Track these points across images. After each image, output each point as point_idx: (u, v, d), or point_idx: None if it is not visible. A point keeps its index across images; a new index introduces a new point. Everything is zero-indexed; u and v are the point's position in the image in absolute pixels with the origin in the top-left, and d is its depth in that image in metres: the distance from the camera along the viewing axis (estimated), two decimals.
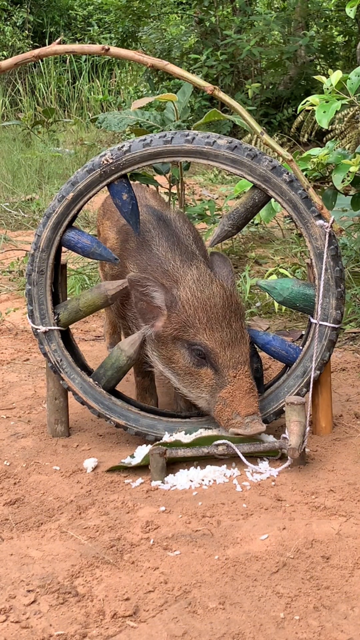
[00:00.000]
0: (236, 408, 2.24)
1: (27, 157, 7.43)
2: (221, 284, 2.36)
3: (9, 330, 3.73)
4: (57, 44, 2.42)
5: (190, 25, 10.39)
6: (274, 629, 1.58)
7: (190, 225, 2.69)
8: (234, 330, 2.29)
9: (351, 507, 2.04)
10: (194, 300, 2.30)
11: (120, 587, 1.74)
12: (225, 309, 2.30)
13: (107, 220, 2.90)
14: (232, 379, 2.25)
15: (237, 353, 2.28)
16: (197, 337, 2.28)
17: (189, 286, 2.33)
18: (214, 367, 2.28)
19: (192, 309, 2.29)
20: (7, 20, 12.38)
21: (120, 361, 2.45)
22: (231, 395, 2.25)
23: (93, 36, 12.98)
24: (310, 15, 9.37)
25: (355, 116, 3.12)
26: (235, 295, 2.38)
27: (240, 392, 2.24)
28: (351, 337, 3.40)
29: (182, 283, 2.34)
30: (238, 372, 2.26)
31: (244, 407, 2.23)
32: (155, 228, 2.55)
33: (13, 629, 1.61)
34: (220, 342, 2.27)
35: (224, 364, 2.26)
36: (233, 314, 2.31)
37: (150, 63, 2.38)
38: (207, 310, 2.28)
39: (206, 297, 2.30)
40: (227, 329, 2.28)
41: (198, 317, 2.28)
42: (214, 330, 2.27)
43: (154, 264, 2.45)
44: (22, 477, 2.30)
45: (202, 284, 2.33)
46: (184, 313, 2.30)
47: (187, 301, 2.30)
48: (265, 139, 2.34)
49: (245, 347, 2.31)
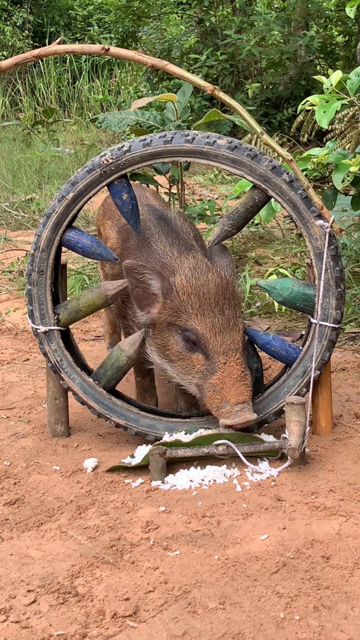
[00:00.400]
0: (226, 395, 2.22)
1: (27, 157, 7.43)
2: (218, 272, 2.36)
3: (9, 330, 3.73)
4: (57, 44, 2.42)
5: (190, 25, 10.39)
6: (274, 629, 1.58)
7: (190, 224, 2.69)
8: (227, 317, 2.29)
9: (351, 507, 2.04)
10: (188, 287, 2.31)
11: (120, 587, 1.74)
12: (219, 296, 2.30)
13: (108, 219, 2.90)
14: (223, 366, 2.24)
15: (228, 339, 2.27)
16: (189, 322, 2.29)
17: (184, 273, 2.33)
18: (205, 353, 2.27)
19: (186, 294, 2.30)
20: (7, 20, 12.38)
21: (120, 361, 2.45)
22: (221, 382, 2.23)
23: (93, 36, 12.98)
24: (310, 15, 9.37)
25: (355, 116, 3.12)
26: (233, 284, 2.37)
27: (230, 379, 2.23)
28: (351, 337, 3.40)
29: (179, 271, 2.35)
30: (229, 358, 2.25)
31: (233, 395, 2.22)
32: (155, 226, 2.56)
33: (13, 629, 1.61)
34: (211, 327, 2.26)
35: (215, 350, 2.25)
36: (227, 301, 2.31)
37: (150, 63, 2.38)
38: (199, 296, 2.29)
39: (200, 284, 2.30)
40: (219, 315, 2.28)
41: (191, 303, 2.29)
42: (205, 315, 2.27)
43: (153, 259, 2.46)
44: (22, 477, 2.30)
45: (198, 272, 2.34)
46: (178, 299, 2.31)
47: (181, 287, 2.31)
48: (265, 139, 2.34)
49: (237, 334, 2.29)
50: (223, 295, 2.31)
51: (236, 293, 2.37)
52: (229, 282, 2.36)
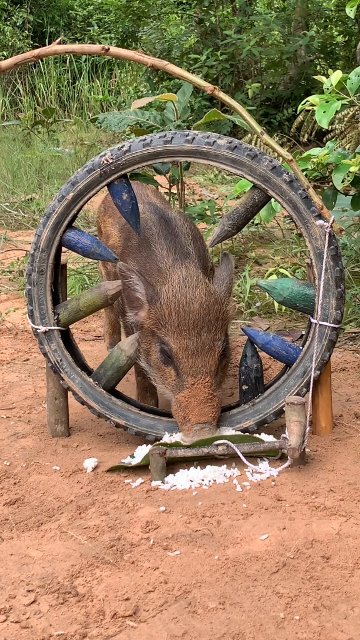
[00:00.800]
0: (188, 414, 2.27)
1: (27, 157, 7.43)
2: (207, 289, 2.33)
3: (9, 330, 3.73)
4: (57, 44, 2.42)
5: (190, 25, 10.39)
6: (274, 629, 1.58)
7: (191, 224, 2.68)
8: (203, 340, 2.28)
9: (351, 507, 2.04)
10: (173, 301, 2.30)
11: (120, 587, 1.74)
12: (200, 317, 2.28)
13: (109, 217, 2.90)
14: (190, 386, 2.27)
15: (199, 363, 2.28)
16: (166, 338, 2.30)
17: (172, 286, 2.33)
18: (176, 370, 2.30)
19: (168, 309, 2.30)
20: (7, 20, 12.38)
21: (120, 361, 2.45)
22: (186, 400, 2.27)
23: (93, 36, 12.98)
24: (310, 15, 9.37)
25: (355, 116, 3.12)
26: (220, 303, 2.34)
27: (195, 400, 2.26)
28: (351, 337, 3.40)
29: (168, 281, 2.35)
30: (197, 380, 2.27)
31: (195, 415, 2.26)
32: (156, 226, 2.55)
33: (13, 629, 1.61)
34: (185, 348, 2.27)
35: (184, 370, 2.28)
36: (207, 324, 2.29)
37: (150, 63, 2.38)
38: (180, 314, 2.28)
39: (184, 301, 2.29)
40: (195, 337, 2.28)
41: (171, 319, 2.29)
42: (181, 335, 2.28)
43: (151, 261, 2.46)
44: (22, 477, 2.30)
45: (185, 286, 2.32)
46: (161, 311, 2.31)
47: (166, 300, 2.31)
48: (265, 139, 2.34)
49: (211, 358, 2.29)
50: (206, 316, 2.29)
51: (223, 313, 2.34)
52: (218, 300, 2.33)
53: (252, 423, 2.43)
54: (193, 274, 2.36)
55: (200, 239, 2.66)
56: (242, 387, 2.48)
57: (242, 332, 2.70)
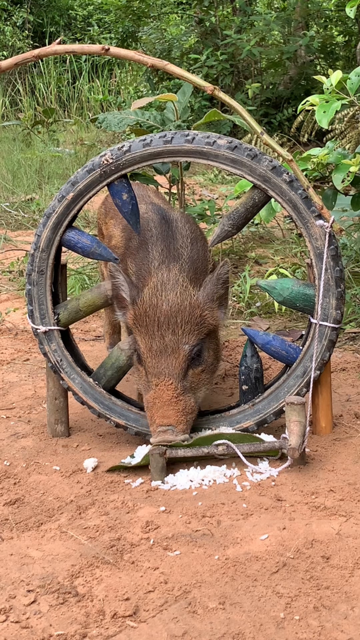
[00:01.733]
0: (152, 415, 2.28)
1: (27, 157, 7.43)
2: (182, 293, 2.32)
3: (9, 330, 3.73)
4: (57, 44, 2.42)
5: (190, 25, 10.39)
6: (274, 629, 1.58)
7: (192, 226, 2.65)
8: (166, 341, 2.29)
9: (351, 507, 2.04)
10: (147, 302, 2.33)
11: (120, 587, 1.74)
12: (168, 318, 2.29)
13: (111, 219, 2.90)
14: (155, 387, 2.28)
15: (163, 364, 2.28)
16: (138, 337, 2.35)
17: (151, 288, 2.35)
18: (145, 370, 2.33)
19: (143, 310, 2.33)
20: (7, 20, 12.39)
21: (120, 361, 2.45)
22: (152, 401, 2.28)
23: (93, 36, 12.99)
24: (310, 15, 9.37)
25: (355, 116, 3.12)
26: (196, 307, 2.31)
27: (159, 401, 2.26)
28: (351, 337, 3.40)
29: (149, 283, 2.37)
30: (160, 381, 2.28)
31: (158, 417, 2.26)
32: (156, 227, 2.55)
33: (13, 629, 1.61)
34: (149, 348, 2.30)
35: (149, 370, 2.30)
36: (174, 326, 2.29)
37: (150, 63, 2.38)
38: (149, 314, 2.31)
39: (156, 302, 2.31)
40: (159, 339, 2.29)
41: (142, 319, 2.32)
42: (148, 335, 2.31)
43: (146, 263, 2.46)
44: (22, 477, 2.30)
45: (161, 288, 2.33)
46: (137, 311, 2.34)
47: (142, 301, 2.34)
48: (265, 139, 2.34)
49: (175, 360, 2.28)
50: (173, 318, 2.29)
51: (196, 317, 2.31)
52: (192, 304, 2.32)
53: (252, 423, 2.43)
54: (173, 277, 2.35)
55: (200, 241, 2.64)
56: (242, 387, 2.48)
57: (242, 332, 2.70)
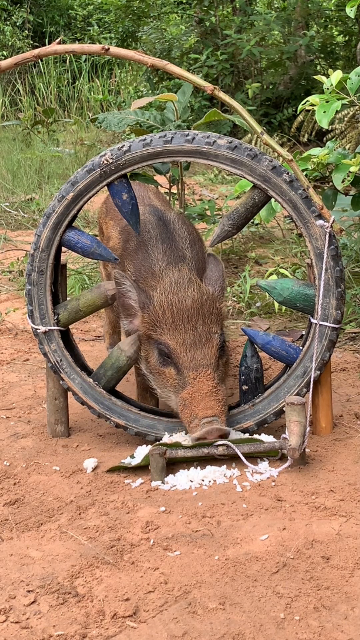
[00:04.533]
0: (194, 410, 2.24)
1: (27, 157, 7.43)
2: (199, 288, 2.36)
3: (9, 330, 3.72)
4: (57, 44, 2.42)
5: (190, 25, 10.39)
6: (274, 629, 1.58)
7: (189, 227, 2.68)
8: (199, 332, 2.30)
9: (351, 507, 2.04)
10: (165, 301, 2.33)
11: (120, 587, 1.74)
12: (193, 311, 2.31)
13: (111, 220, 2.90)
14: (192, 381, 2.26)
15: (199, 355, 2.28)
16: (162, 337, 2.32)
17: (164, 288, 2.36)
18: (176, 368, 2.30)
19: (162, 309, 2.32)
20: (7, 20, 12.39)
21: (120, 361, 2.45)
22: (190, 397, 2.26)
23: (93, 36, 12.98)
24: (310, 15, 9.37)
25: (356, 116, 3.11)
26: (213, 300, 2.37)
27: (199, 394, 2.24)
28: (351, 337, 3.40)
29: (160, 284, 2.38)
30: (199, 374, 2.26)
31: (201, 410, 2.23)
32: (154, 229, 2.56)
33: (13, 629, 1.61)
34: (182, 342, 2.29)
35: (185, 365, 2.28)
36: (201, 318, 2.31)
37: (150, 63, 2.38)
38: (173, 311, 2.31)
39: (177, 299, 2.32)
40: (191, 331, 2.29)
41: (165, 317, 2.32)
42: (177, 330, 2.30)
43: (146, 264, 2.48)
44: (22, 477, 2.30)
45: (177, 286, 2.35)
46: (155, 313, 2.34)
47: (158, 302, 2.34)
48: (265, 139, 2.34)
49: (210, 350, 2.30)
50: (199, 311, 2.32)
51: (216, 309, 2.36)
52: (210, 298, 2.36)
53: (252, 423, 2.43)
54: (185, 275, 2.39)
55: (198, 242, 2.67)
56: (242, 387, 2.48)
57: (242, 332, 2.71)
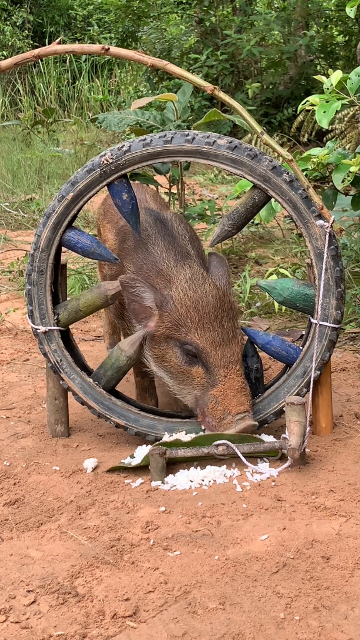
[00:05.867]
0: (227, 406, 2.25)
1: (27, 157, 7.43)
2: (214, 284, 2.37)
3: (9, 330, 3.72)
4: (57, 44, 2.42)
5: (190, 25, 10.39)
6: (274, 629, 1.58)
7: (186, 225, 2.68)
8: (226, 329, 2.30)
9: (351, 507, 2.04)
10: (186, 300, 2.31)
11: (120, 587, 1.74)
12: (218, 308, 2.31)
13: (108, 223, 2.90)
14: (224, 378, 2.26)
15: (228, 352, 2.28)
16: (189, 336, 2.29)
17: (181, 285, 2.34)
18: (205, 366, 2.29)
19: (184, 308, 2.30)
20: (7, 20, 12.39)
21: (120, 361, 2.45)
22: (222, 394, 2.26)
23: (93, 36, 12.98)
24: (310, 15, 9.37)
25: (356, 116, 3.11)
26: (229, 295, 2.38)
27: (231, 390, 2.26)
28: (351, 337, 3.40)
29: (175, 282, 2.36)
30: (229, 371, 2.27)
31: (235, 406, 2.25)
32: (151, 227, 2.56)
33: (13, 629, 1.61)
34: (211, 341, 2.28)
35: (215, 363, 2.27)
36: (225, 314, 2.32)
37: (150, 63, 2.38)
38: (198, 310, 2.30)
39: (198, 297, 2.31)
40: (218, 329, 2.29)
41: (190, 316, 2.30)
42: (205, 329, 2.29)
43: (149, 262, 2.46)
44: (22, 477, 2.30)
45: (195, 283, 2.34)
46: (176, 312, 2.31)
47: (179, 300, 2.31)
48: (265, 139, 2.34)
49: (236, 346, 2.31)
50: (221, 307, 2.32)
51: (233, 304, 2.38)
52: (226, 293, 2.37)
53: None
54: (198, 272, 2.39)
55: (196, 241, 2.67)
56: None
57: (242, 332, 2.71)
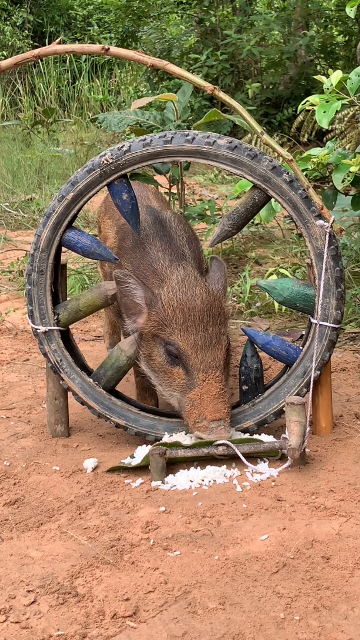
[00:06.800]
0: (203, 411, 2.24)
1: (27, 157, 7.43)
2: (206, 288, 2.36)
3: (9, 330, 3.72)
4: (57, 44, 2.42)
5: (190, 25, 10.40)
6: (274, 629, 1.58)
7: (185, 226, 2.69)
8: (210, 334, 2.29)
9: (351, 507, 2.04)
10: (174, 300, 2.31)
11: (120, 587, 1.74)
12: (204, 312, 2.30)
13: (109, 219, 2.91)
14: (202, 382, 2.26)
15: (209, 357, 2.28)
16: (172, 337, 2.30)
17: (171, 286, 2.34)
18: (185, 368, 2.29)
19: (171, 308, 2.31)
20: (7, 20, 12.39)
21: (120, 361, 2.45)
22: (199, 398, 2.25)
23: (93, 36, 12.99)
24: (310, 15, 9.37)
25: (356, 116, 3.11)
26: (220, 300, 2.37)
27: (208, 396, 2.25)
28: (351, 337, 3.40)
29: (167, 282, 2.36)
30: (208, 376, 2.26)
31: (210, 412, 2.24)
32: (150, 227, 2.56)
33: (13, 629, 1.61)
34: (193, 344, 2.28)
35: (195, 367, 2.27)
36: (212, 319, 2.31)
37: (150, 63, 2.38)
38: (184, 312, 2.30)
39: (186, 298, 2.31)
40: (202, 332, 2.29)
41: (175, 317, 2.30)
42: (188, 331, 2.29)
43: (146, 262, 2.47)
44: (22, 477, 2.30)
45: (185, 285, 2.34)
46: (163, 312, 2.32)
47: (167, 300, 2.32)
48: (265, 139, 2.34)
49: (219, 352, 2.30)
50: (208, 311, 2.31)
51: (223, 309, 2.36)
52: (217, 297, 2.36)
53: (252, 423, 2.43)
54: (191, 274, 2.38)
55: (195, 241, 2.67)
56: (242, 387, 2.48)
57: (242, 332, 2.71)
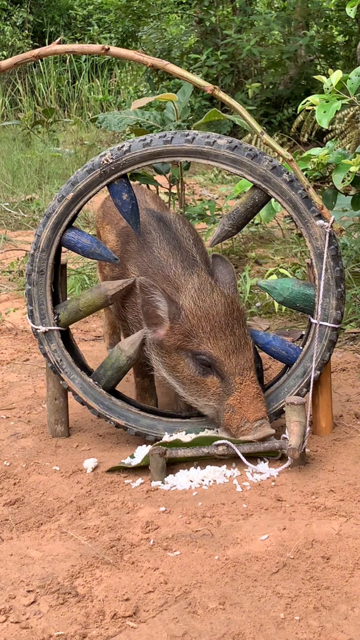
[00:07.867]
0: (245, 414, 2.25)
1: (27, 157, 7.43)
2: (222, 292, 2.36)
3: (9, 330, 3.72)
4: (57, 44, 2.42)
5: (190, 25, 10.39)
6: (274, 629, 1.58)
7: (189, 227, 2.68)
8: (237, 337, 2.30)
9: (351, 507, 2.04)
10: (197, 310, 2.30)
11: (120, 587, 1.74)
12: (228, 317, 2.30)
13: (107, 224, 2.90)
14: (239, 386, 2.26)
15: (242, 359, 2.28)
16: (201, 347, 2.28)
17: (190, 295, 2.33)
18: (220, 375, 2.28)
19: (196, 318, 2.29)
20: (7, 20, 12.39)
21: (120, 361, 2.45)
22: (239, 402, 2.25)
23: (93, 36, 12.98)
24: (310, 15, 9.37)
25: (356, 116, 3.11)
26: (237, 302, 2.38)
27: (247, 398, 2.25)
28: (351, 337, 3.40)
29: (184, 292, 2.35)
30: (244, 378, 2.27)
31: (252, 413, 2.25)
32: (155, 230, 2.55)
33: (13, 629, 1.61)
34: (224, 350, 2.27)
35: (230, 372, 2.27)
36: (236, 321, 2.32)
37: (150, 63, 2.38)
38: (209, 319, 2.29)
39: (208, 306, 2.30)
40: (230, 337, 2.29)
41: (201, 327, 2.29)
42: (217, 338, 2.28)
43: (155, 267, 2.45)
44: (22, 477, 2.30)
45: (204, 293, 2.33)
46: (187, 323, 2.30)
47: (190, 311, 2.30)
48: (265, 139, 2.34)
49: (249, 352, 2.31)
50: (231, 315, 2.31)
51: (241, 310, 2.37)
52: (233, 300, 2.36)
53: None
54: (206, 280, 2.38)
55: (200, 242, 2.66)
56: None
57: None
